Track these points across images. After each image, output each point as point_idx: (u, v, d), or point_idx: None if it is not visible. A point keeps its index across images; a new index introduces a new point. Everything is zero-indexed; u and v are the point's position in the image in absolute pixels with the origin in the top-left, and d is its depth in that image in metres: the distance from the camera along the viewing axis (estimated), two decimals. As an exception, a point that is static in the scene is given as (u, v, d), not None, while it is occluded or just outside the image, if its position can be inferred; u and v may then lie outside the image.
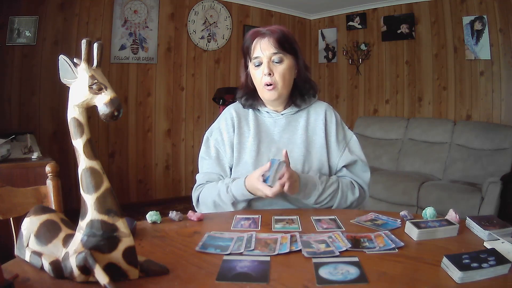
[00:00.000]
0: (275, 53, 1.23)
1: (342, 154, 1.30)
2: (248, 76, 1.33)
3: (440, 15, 4.01)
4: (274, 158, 1.12)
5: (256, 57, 1.25)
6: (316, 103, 1.36)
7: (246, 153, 1.29)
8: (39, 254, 0.73)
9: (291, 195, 1.18)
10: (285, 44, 1.24)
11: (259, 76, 1.25)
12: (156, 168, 4.11)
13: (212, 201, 1.24)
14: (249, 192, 1.16)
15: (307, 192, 1.18)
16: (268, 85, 1.24)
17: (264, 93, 1.27)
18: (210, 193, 1.25)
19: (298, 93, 1.32)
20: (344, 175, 1.30)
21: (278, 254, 0.82)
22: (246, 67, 1.33)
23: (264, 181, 1.09)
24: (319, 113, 1.33)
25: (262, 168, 1.10)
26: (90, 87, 0.65)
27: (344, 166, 1.30)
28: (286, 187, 1.09)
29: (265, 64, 1.23)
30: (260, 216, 1.10)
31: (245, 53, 1.30)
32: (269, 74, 1.23)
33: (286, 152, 1.13)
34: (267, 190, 1.08)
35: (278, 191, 1.09)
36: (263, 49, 1.23)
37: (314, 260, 0.79)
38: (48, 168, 1.16)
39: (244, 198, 1.19)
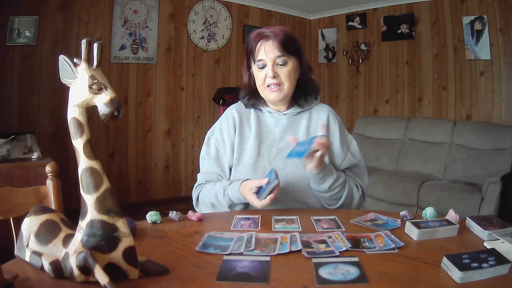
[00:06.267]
0: (279, 56, 1.23)
1: (346, 157, 1.30)
2: (251, 76, 1.33)
3: (440, 15, 4.01)
4: (272, 173, 1.12)
5: (260, 60, 1.25)
6: (318, 105, 1.37)
7: (246, 153, 1.29)
8: (39, 254, 0.73)
9: (312, 171, 1.16)
10: (289, 47, 1.24)
11: (262, 78, 1.26)
12: (156, 168, 4.11)
13: (210, 203, 1.25)
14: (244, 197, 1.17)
15: (325, 175, 1.18)
16: (272, 85, 1.24)
17: (268, 94, 1.27)
18: (208, 194, 1.26)
19: (302, 93, 1.32)
20: (347, 175, 1.31)
21: (278, 254, 0.82)
22: (249, 67, 1.33)
23: (257, 192, 1.11)
24: (321, 115, 1.34)
25: (260, 181, 1.11)
26: (90, 87, 0.65)
27: (346, 169, 1.31)
28: (267, 201, 1.09)
29: (270, 67, 1.23)
30: (260, 216, 1.10)
31: (249, 55, 1.30)
32: (274, 76, 1.23)
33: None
34: (256, 202, 1.10)
35: (266, 204, 1.09)
36: (267, 52, 1.23)
37: (314, 260, 0.79)
38: (48, 168, 1.16)
39: (240, 202, 1.20)
